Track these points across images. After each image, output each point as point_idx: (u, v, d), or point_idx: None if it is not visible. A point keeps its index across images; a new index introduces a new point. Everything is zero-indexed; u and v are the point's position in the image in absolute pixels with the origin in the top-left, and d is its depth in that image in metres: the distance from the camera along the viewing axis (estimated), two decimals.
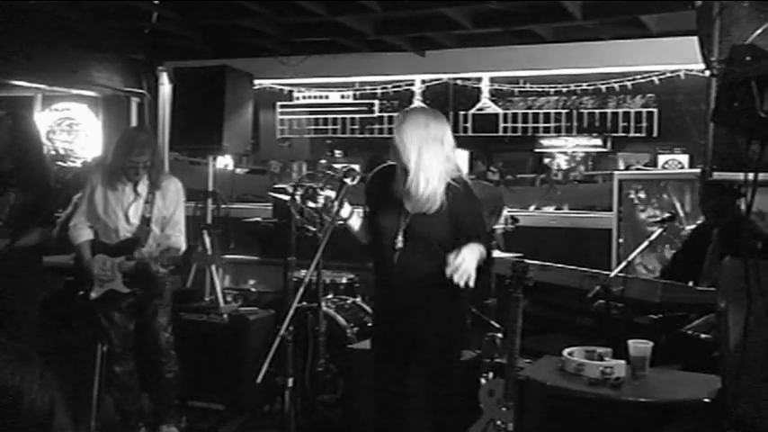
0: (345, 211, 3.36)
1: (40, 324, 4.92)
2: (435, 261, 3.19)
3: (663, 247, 5.39)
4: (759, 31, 2.34)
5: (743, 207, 4.11)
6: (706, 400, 2.73)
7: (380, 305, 3.56)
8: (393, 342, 3.40)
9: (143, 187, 4.27)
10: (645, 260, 5.44)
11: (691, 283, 4.03)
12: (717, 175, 2.51)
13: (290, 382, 3.81)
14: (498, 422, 3.39)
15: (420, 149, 3.15)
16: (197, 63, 6.44)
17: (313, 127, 16.15)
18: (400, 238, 3.25)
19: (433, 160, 3.17)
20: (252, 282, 6.29)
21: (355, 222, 3.43)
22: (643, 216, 5.77)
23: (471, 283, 3.07)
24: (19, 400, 0.97)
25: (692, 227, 4.71)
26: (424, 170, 3.15)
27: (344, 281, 5.25)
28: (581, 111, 16.48)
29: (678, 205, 5.52)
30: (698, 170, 4.84)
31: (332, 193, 3.38)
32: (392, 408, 3.45)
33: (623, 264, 3.93)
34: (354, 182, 3.42)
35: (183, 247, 4.35)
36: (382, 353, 3.49)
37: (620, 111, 16.19)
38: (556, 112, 16.41)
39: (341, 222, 3.46)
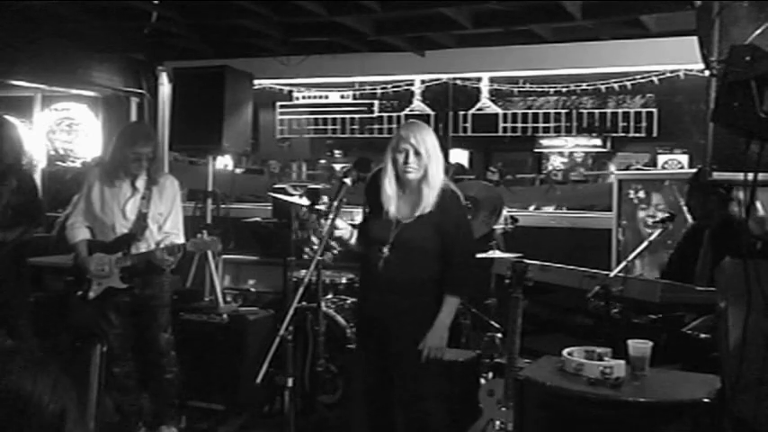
0: (346, 232, 3.43)
1: (37, 324, 4.98)
2: (420, 267, 3.33)
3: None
4: (759, 31, 2.34)
5: (734, 209, 4.13)
6: (706, 400, 2.72)
7: (363, 309, 3.61)
8: (375, 345, 3.43)
9: (141, 183, 4.27)
10: (645, 269, 5.41)
11: None
12: (717, 175, 2.50)
13: (290, 382, 3.81)
14: (498, 422, 3.39)
15: (437, 161, 3.31)
16: (197, 63, 6.44)
17: (313, 127, 16.13)
18: (388, 245, 3.30)
19: (440, 172, 3.33)
20: (252, 282, 6.28)
21: (354, 240, 3.52)
22: (642, 215, 5.76)
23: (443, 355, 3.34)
24: (31, 405, 0.97)
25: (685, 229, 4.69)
26: (432, 179, 3.29)
27: (344, 281, 5.25)
28: (581, 111, 16.46)
29: (684, 207, 5.49)
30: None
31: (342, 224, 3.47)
32: (378, 406, 3.49)
33: (623, 264, 3.93)
34: (352, 183, 3.46)
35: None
36: (365, 356, 3.54)
37: (620, 111, 16.17)
38: (555, 112, 16.39)
39: (341, 245, 3.60)
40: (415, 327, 3.35)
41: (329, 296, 5.07)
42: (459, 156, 18.14)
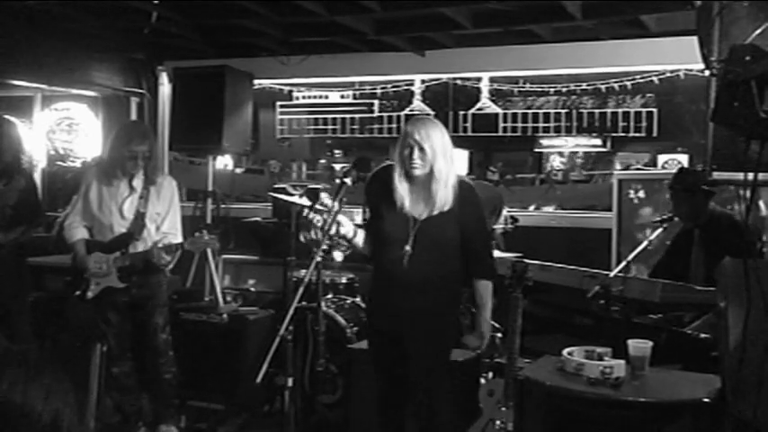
0: (349, 230, 3.40)
1: (37, 324, 5.01)
2: (442, 262, 3.35)
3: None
4: (759, 31, 2.34)
5: (735, 207, 4.16)
6: (706, 400, 2.73)
7: (384, 307, 3.54)
8: (395, 343, 3.41)
9: (138, 182, 4.26)
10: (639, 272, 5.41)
11: None
12: (717, 174, 2.51)
13: (290, 382, 3.82)
14: (498, 422, 3.39)
15: (444, 156, 3.31)
16: (197, 63, 6.44)
17: (313, 127, 16.12)
18: (410, 241, 3.30)
19: (450, 167, 3.33)
20: (251, 282, 6.29)
21: (359, 239, 3.51)
22: (643, 215, 5.76)
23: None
24: (21, 417, 0.96)
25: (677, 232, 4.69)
26: (445, 175, 3.29)
27: (344, 281, 5.25)
28: (581, 111, 16.45)
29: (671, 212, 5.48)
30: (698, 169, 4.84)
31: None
32: (392, 405, 3.47)
33: (623, 264, 3.93)
34: (352, 183, 3.46)
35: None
36: (382, 353, 3.51)
37: (620, 111, 16.16)
38: (555, 112, 16.37)
39: (346, 242, 3.60)
40: (437, 322, 3.37)
41: (329, 296, 5.07)
42: (460, 156, 18.12)
